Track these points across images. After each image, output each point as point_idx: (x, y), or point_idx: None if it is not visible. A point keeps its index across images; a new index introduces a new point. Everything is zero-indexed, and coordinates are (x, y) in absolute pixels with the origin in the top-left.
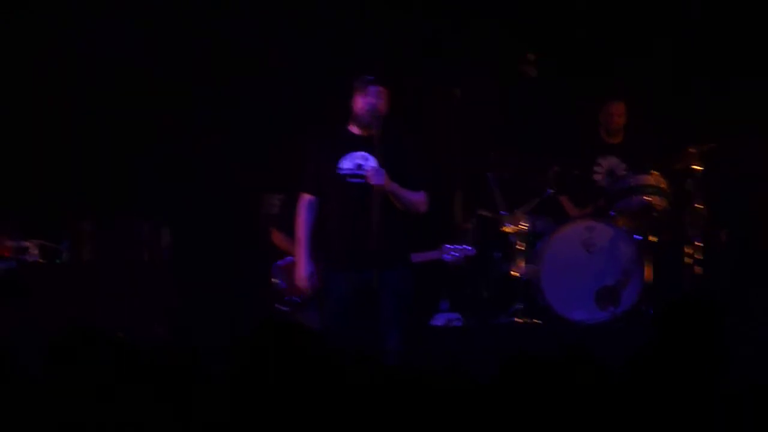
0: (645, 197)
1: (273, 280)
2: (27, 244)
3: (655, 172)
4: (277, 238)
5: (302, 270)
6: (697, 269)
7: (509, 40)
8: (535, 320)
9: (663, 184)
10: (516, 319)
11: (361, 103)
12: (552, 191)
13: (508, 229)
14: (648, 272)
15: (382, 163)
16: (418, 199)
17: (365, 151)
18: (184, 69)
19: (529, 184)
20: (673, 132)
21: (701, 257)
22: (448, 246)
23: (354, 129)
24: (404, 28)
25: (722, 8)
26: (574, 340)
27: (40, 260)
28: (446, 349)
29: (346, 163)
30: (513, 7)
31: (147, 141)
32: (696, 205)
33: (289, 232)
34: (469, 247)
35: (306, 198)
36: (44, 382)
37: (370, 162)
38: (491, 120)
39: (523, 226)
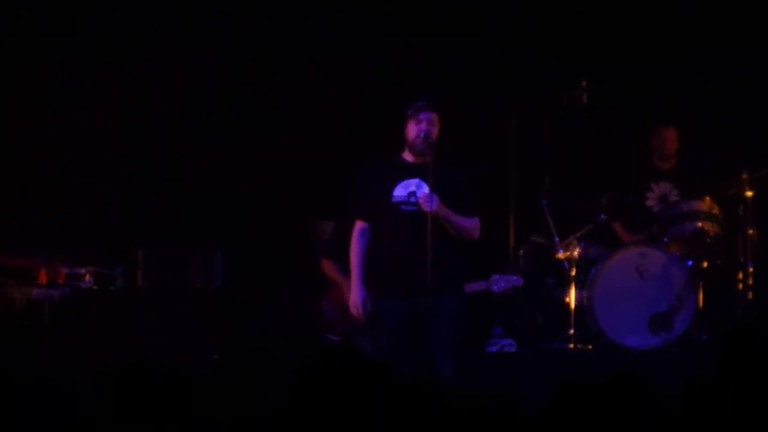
0: (697, 223)
1: (322, 309)
2: (81, 270)
3: (707, 198)
4: (327, 266)
5: (356, 297)
6: (750, 295)
7: (563, 68)
8: (588, 346)
9: (715, 210)
10: (569, 346)
11: (414, 130)
12: (604, 217)
13: (561, 255)
14: (700, 298)
15: (435, 190)
16: (471, 225)
17: (418, 178)
18: (237, 96)
19: (581, 211)
20: (725, 157)
21: (753, 283)
22: (497, 277)
23: (407, 157)
24: (461, 57)
25: None
26: (627, 366)
27: (94, 287)
28: (500, 375)
29: (400, 191)
30: (565, 34)
31: (200, 168)
32: (748, 230)
33: (339, 260)
34: (517, 277)
35: (359, 225)
36: (98, 413)
37: (423, 189)
38: (545, 147)
39: (576, 252)
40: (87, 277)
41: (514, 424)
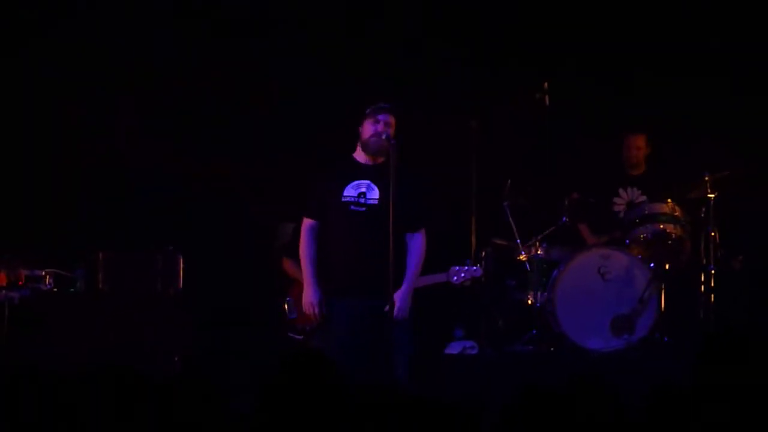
0: (659, 225)
1: (285, 309)
2: (41, 272)
3: (669, 200)
4: (288, 265)
5: (310, 296)
6: (712, 297)
7: (525, 69)
8: (550, 348)
9: (677, 212)
10: (530, 347)
11: (370, 129)
12: (566, 219)
13: (523, 257)
14: (663, 300)
15: (384, 192)
16: (421, 258)
17: (369, 179)
18: (196, 98)
19: (544, 213)
20: (689, 160)
21: (715, 285)
22: (456, 268)
23: (359, 157)
24: (421, 59)
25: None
26: (588, 368)
27: (54, 289)
28: (462, 378)
29: (350, 191)
30: (532, 37)
31: (160, 171)
32: (710, 232)
33: (299, 259)
34: (476, 268)
35: (308, 222)
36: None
37: (373, 191)
38: (507, 149)
39: (538, 254)
40: (47, 279)
41: (475, 428)
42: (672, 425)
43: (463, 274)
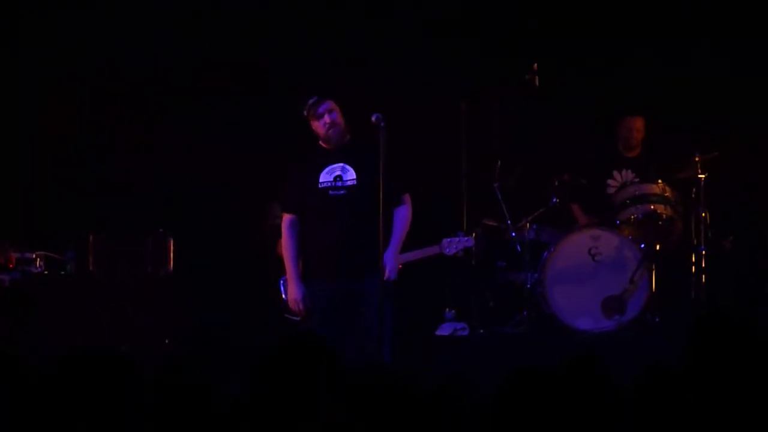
0: (650, 206)
1: (281, 289)
2: (32, 255)
3: (660, 181)
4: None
5: (294, 292)
6: (703, 278)
7: (515, 51)
8: (541, 330)
9: (668, 193)
10: (521, 329)
11: (319, 126)
12: (557, 200)
13: (513, 238)
14: (653, 281)
15: (360, 171)
16: (407, 223)
17: (342, 162)
18: (186, 82)
19: (534, 194)
20: (680, 141)
21: (706, 266)
22: (448, 240)
23: (326, 143)
24: (409, 42)
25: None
26: (579, 348)
27: (45, 272)
28: (451, 358)
29: (325, 177)
30: (518, 18)
31: (150, 153)
32: (701, 213)
33: None
34: (467, 238)
35: (287, 217)
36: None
37: (348, 172)
38: (498, 131)
39: (528, 234)
40: (38, 262)
41: (465, 409)
42: (663, 406)
43: (455, 245)
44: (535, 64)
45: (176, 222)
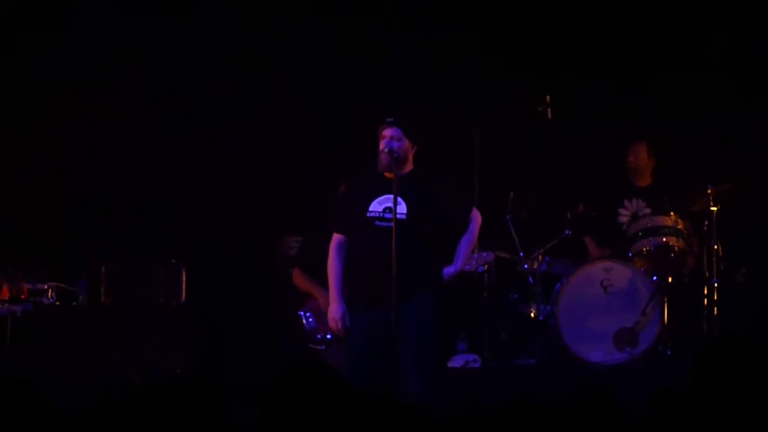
0: (662, 238)
1: (303, 320)
2: (44, 286)
3: (672, 213)
4: (298, 276)
5: (335, 311)
6: (715, 310)
7: (530, 81)
8: (553, 361)
9: (680, 225)
10: (533, 361)
11: (380, 146)
12: (569, 232)
13: (526, 270)
14: (665, 313)
15: (411, 204)
16: (474, 233)
17: (396, 194)
18: (203, 110)
19: (546, 226)
20: (693, 172)
21: (718, 298)
22: None
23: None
24: (424, 70)
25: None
26: (591, 381)
27: (57, 302)
28: (463, 390)
29: (375, 206)
30: (535, 48)
31: (163, 183)
32: (713, 245)
33: (311, 272)
34: (486, 253)
35: (336, 238)
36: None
37: (400, 205)
38: (510, 161)
39: (541, 267)
40: (50, 293)
41: None
42: None
43: (474, 262)
44: (548, 97)
45: (188, 252)
